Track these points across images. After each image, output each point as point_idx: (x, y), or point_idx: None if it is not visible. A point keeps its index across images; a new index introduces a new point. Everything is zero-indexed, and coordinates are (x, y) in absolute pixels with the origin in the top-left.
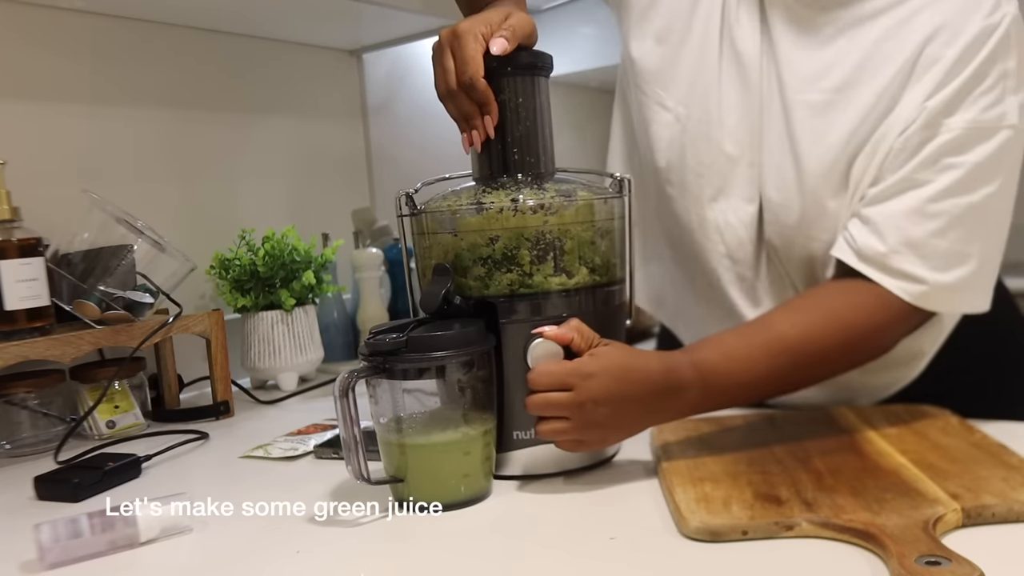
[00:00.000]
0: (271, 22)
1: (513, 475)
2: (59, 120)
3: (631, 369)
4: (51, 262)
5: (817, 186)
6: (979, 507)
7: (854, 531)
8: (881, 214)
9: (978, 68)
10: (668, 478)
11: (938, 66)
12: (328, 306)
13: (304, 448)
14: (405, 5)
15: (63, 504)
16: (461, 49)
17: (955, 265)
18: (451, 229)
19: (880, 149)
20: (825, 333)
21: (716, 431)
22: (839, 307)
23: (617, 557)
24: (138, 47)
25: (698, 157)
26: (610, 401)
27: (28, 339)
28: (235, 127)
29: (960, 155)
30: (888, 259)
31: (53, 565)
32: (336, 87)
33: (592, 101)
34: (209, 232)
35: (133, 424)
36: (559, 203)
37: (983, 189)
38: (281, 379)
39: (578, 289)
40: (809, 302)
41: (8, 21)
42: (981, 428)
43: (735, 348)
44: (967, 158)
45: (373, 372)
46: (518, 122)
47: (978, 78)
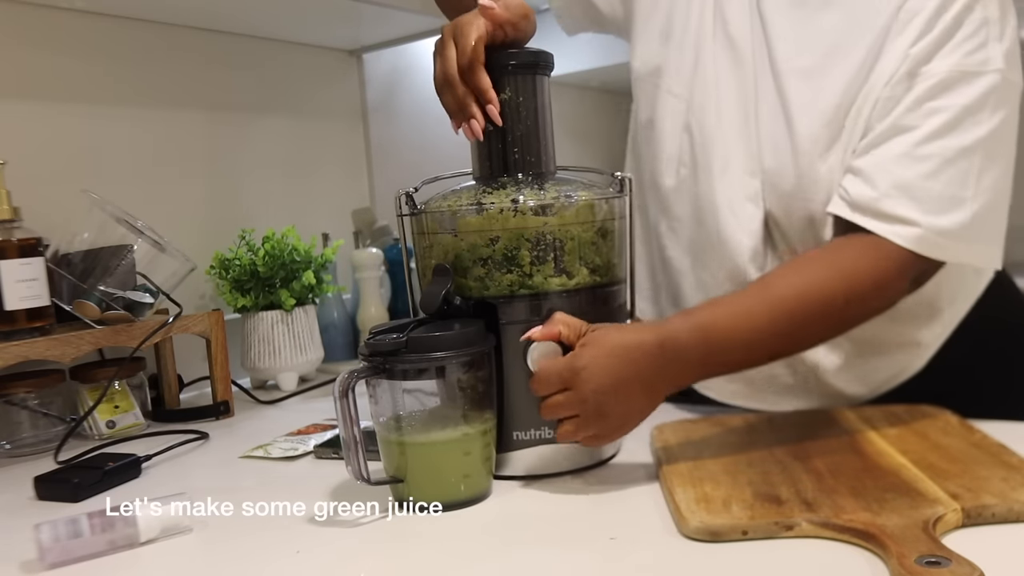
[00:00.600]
0: (271, 22)
1: (513, 475)
2: (59, 120)
3: (624, 348)
4: (51, 262)
5: (810, 149)
6: (979, 507)
7: (854, 531)
8: (871, 162)
9: (958, 14)
10: (668, 478)
11: (920, 16)
12: (328, 306)
13: (304, 448)
14: (405, 5)
15: (63, 504)
16: (463, 37)
17: (950, 209)
18: (451, 229)
19: (868, 102)
20: (825, 285)
21: (716, 431)
22: (838, 259)
23: (617, 557)
24: (138, 47)
25: (704, 132)
26: (611, 387)
27: (28, 339)
28: (235, 127)
29: (945, 99)
30: (880, 203)
31: (53, 565)
32: (336, 87)
33: (592, 101)
34: (209, 232)
35: (133, 424)
36: (559, 203)
37: (973, 132)
38: (281, 379)
39: (578, 289)
40: (807, 258)
41: (8, 21)
42: (981, 428)
43: (734, 305)
44: (953, 101)
45: (373, 372)
46: (519, 121)
47: (959, 24)
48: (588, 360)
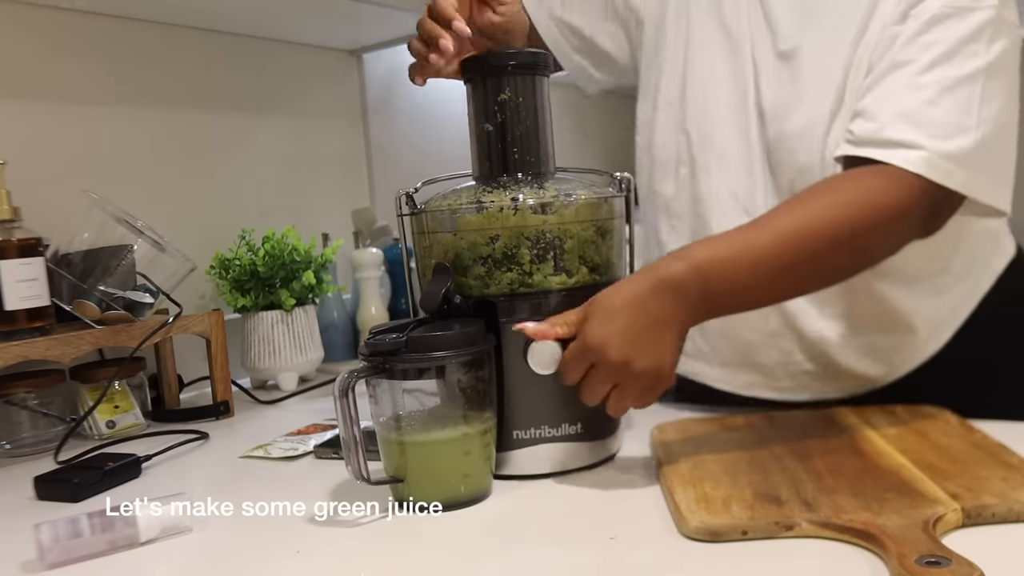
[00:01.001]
0: (271, 22)
1: (513, 475)
2: (59, 120)
3: (623, 302)
4: (51, 262)
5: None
6: (979, 507)
7: (854, 531)
8: (871, 100)
9: None
10: (668, 478)
11: None
12: (328, 306)
13: (304, 448)
14: (405, 5)
15: (63, 504)
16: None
17: (954, 134)
18: (451, 228)
19: (867, 48)
20: (828, 213)
21: (716, 431)
22: (843, 189)
23: (617, 557)
24: (138, 47)
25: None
26: (628, 342)
27: (28, 339)
28: (235, 127)
29: (940, 31)
30: (883, 132)
31: (53, 565)
32: (336, 87)
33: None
34: (209, 232)
35: (133, 424)
36: (559, 202)
37: (971, 62)
38: (281, 379)
39: (578, 288)
40: (810, 190)
41: (8, 21)
42: (981, 428)
43: (732, 238)
44: (948, 34)
45: (373, 372)
46: (518, 121)
47: None
48: (596, 329)
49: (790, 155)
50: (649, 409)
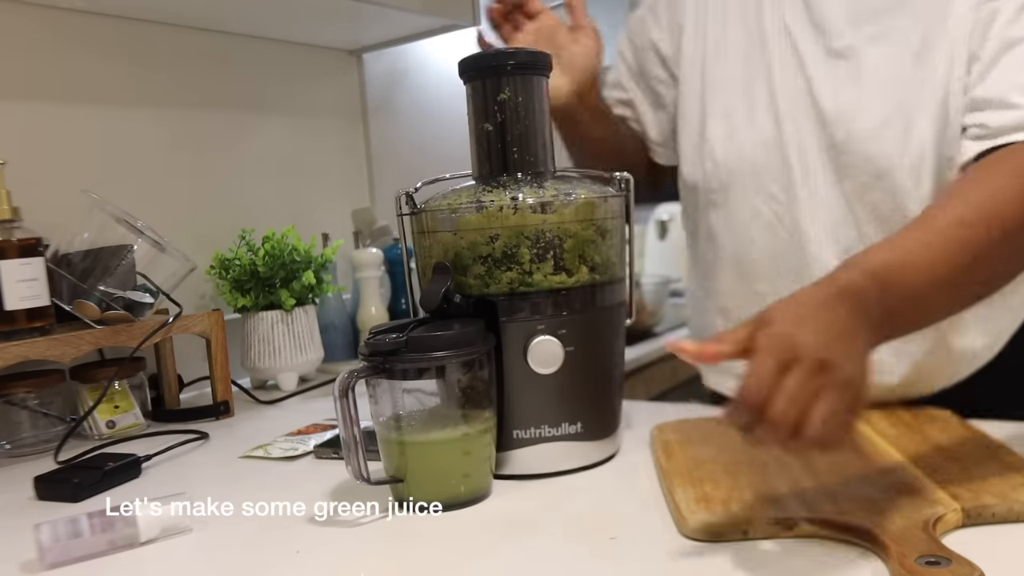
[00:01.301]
0: (271, 22)
1: (513, 475)
2: (59, 120)
3: (806, 305)
4: (51, 262)
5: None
6: (979, 507)
7: (854, 531)
8: (992, 87)
9: None
10: (668, 478)
11: None
12: (328, 306)
13: (304, 448)
14: (405, 5)
15: (63, 504)
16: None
17: None
18: (451, 228)
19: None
20: (1006, 194)
21: (716, 431)
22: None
23: (617, 557)
24: (138, 47)
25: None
26: (825, 345)
27: (28, 339)
28: (235, 127)
29: None
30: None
31: (53, 565)
32: (336, 87)
33: None
34: (209, 232)
35: (133, 424)
36: (559, 201)
37: None
38: (281, 379)
39: (578, 288)
40: (970, 179)
41: (8, 21)
42: (981, 428)
43: (903, 239)
44: None
45: (373, 372)
46: (518, 121)
47: None
48: (787, 328)
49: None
50: (649, 409)
